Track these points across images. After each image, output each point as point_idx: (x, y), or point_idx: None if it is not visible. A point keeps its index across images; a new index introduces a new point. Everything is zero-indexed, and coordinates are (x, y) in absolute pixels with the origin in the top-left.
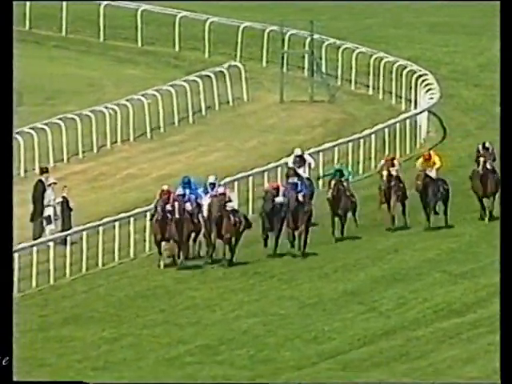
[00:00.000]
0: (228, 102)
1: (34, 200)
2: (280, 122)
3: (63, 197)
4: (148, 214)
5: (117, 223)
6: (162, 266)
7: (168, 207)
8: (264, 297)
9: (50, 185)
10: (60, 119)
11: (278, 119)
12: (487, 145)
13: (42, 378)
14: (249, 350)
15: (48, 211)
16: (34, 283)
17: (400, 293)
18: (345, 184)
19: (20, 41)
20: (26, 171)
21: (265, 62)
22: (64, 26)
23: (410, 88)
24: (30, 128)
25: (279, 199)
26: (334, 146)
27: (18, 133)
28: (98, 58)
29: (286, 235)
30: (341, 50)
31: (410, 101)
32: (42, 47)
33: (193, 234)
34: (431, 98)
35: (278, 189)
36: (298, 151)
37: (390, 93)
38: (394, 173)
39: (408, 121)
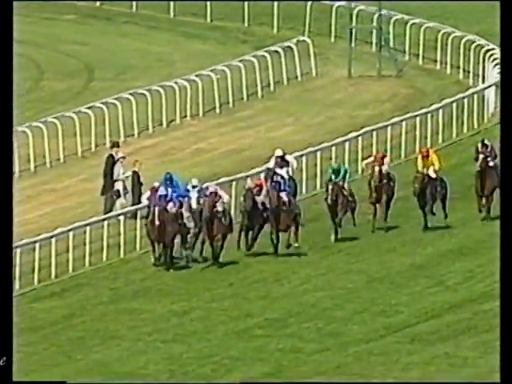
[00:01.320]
0: (296, 77)
1: (105, 174)
2: (348, 97)
3: (134, 171)
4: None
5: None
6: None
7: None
8: (332, 271)
9: (119, 159)
10: (131, 94)
11: (346, 94)
12: (486, 142)
13: (112, 349)
14: (317, 323)
15: (118, 185)
16: (104, 257)
17: (467, 266)
18: (343, 186)
19: (91, 17)
20: (96, 146)
21: (333, 37)
22: (134, 3)
23: (478, 62)
24: (102, 103)
25: (260, 198)
26: (402, 121)
27: (89, 107)
28: (167, 34)
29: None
30: (408, 25)
31: (478, 75)
32: (113, 23)
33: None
34: (499, 73)
35: (260, 187)
36: (279, 152)
37: (458, 67)
38: (384, 171)
39: (476, 95)
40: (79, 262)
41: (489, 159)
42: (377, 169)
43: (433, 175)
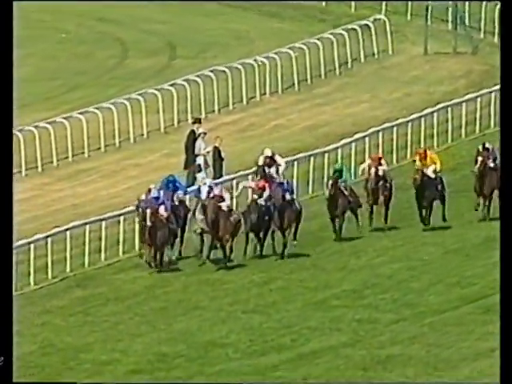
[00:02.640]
0: (373, 55)
1: (187, 149)
2: (424, 74)
3: (215, 147)
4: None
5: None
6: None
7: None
8: (408, 243)
9: (200, 135)
10: (211, 71)
11: (422, 71)
12: (487, 145)
13: (194, 319)
14: (393, 295)
15: (199, 160)
16: (186, 229)
17: None
18: (343, 184)
19: None
20: (178, 122)
21: (409, 15)
22: None
23: None
24: (184, 80)
25: (262, 200)
26: (477, 97)
27: (172, 84)
28: (246, 13)
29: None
30: (484, 2)
31: None
32: (194, 3)
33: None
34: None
35: (263, 189)
36: (268, 152)
37: None
38: (381, 173)
39: None
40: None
41: (489, 161)
42: (373, 171)
43: (432, 175)
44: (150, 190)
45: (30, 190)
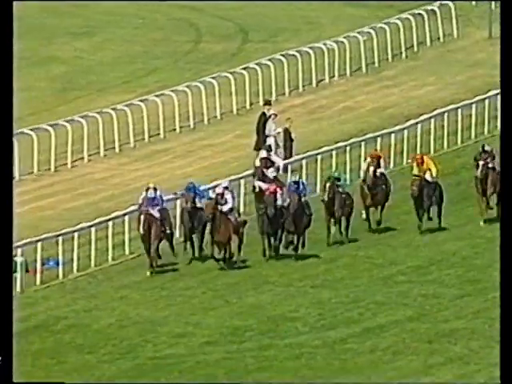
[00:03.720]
0: (438, 39)
1: (258, 130)
2: (488, 57)
3: (285, 128)
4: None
5: (334, 152)
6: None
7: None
8: (471, 221)
9: (271, 116)
10: (282, 55)
11: (487, 54)
12: (486, 148)
13: (265, 294)
14: (457, 271)
15: (269, 141)
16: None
17: None
18: (340, 189)
19: None
20: (250, 104)
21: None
22: None
23: None
24: (255, 64)
25: (280, 202)
26: None
27: (244, 68)
28: None
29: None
30: None
31: None
32: None
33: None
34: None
35: (274, 192)
36: (263, 153)
37: None
38: (378, 174)
39: None
40: None
41: (489, 165)
42: (371, 172)
43: (429, 179)
44: (147, 190)
45: (108, 169)
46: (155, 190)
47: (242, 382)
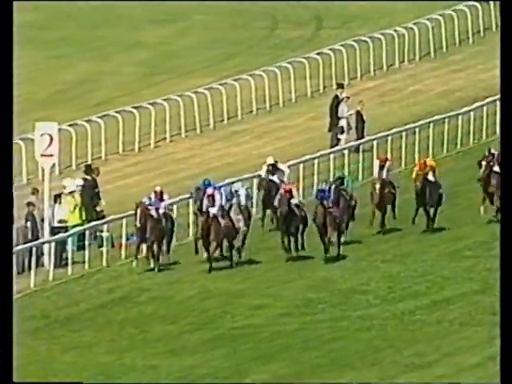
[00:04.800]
0: None
1: (331, 112)
2: None
3: (357, 110)
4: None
5: (403, 133)
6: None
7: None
8: None
9: (343, 99)
10: (355, 41)
11: None
12: (493, 151)
13: (336, 269)
14: None
15: (342, 123)
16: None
17: None
18: (345, 190)
19: None
20: (324, 87)
21: None
22: None
23: None
24: (329, 49)
25: (295, 201)
26: None
27: (318, 53)
28: None
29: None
30: None
31: None
32: None
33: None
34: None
35: (290, 191)
36: (270, 160)
37: None
38: (384, 177)
39: None
40: (309, 191)
41: (494, 166)
42: (377, 175)
43: (431, 179)
44: (157, 193)
45: (189, 149)
46: (161, 193)
47: (241, 382)
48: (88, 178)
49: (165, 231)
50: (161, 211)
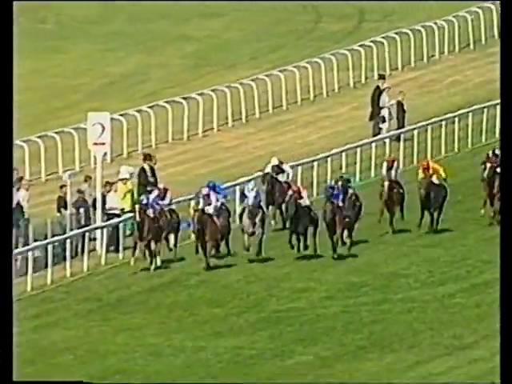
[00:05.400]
0: None
1: (373, 102)
2: None
3: (398, 101)
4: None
5: (443, 122)
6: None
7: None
8: None
9: (385, 89)
10: (396, 33)
11: None
12: (497, 152)
13: (379, 252)
14: None
15: (383, 112)
16: (372, 173)
17: None
18: (351, 191)
19: None
20: (366, 78)
21: None
22: None
23: None
24: (371, 41)
25: (304, 202)
26: None
27: (360, 45)
28: None
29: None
30: None
31: None
32: None
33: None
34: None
35: (299, 192)
36: (275, 161)
37: None
38: (393, 177)
39: None
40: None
41: (497, 169)
42: (385, 175)
43: (436, 181)
44: (161, 190)
45: (236, 138)
46: (165, 191)
47: (245, 382)
48: (146, 166)
49: (163, 229)
50: (165, 208)
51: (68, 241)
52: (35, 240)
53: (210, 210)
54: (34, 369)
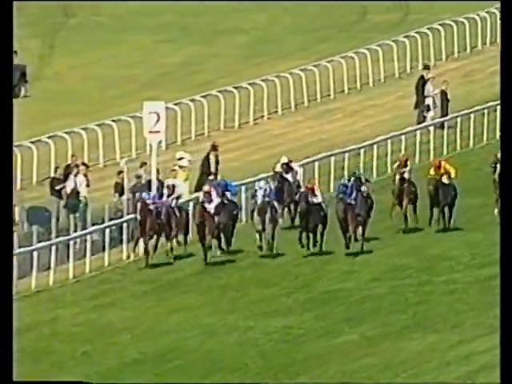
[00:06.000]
0: None
1: (417, 92)
2: None
3: (442, 90)
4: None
5: (485, 111)
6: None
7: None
8: None
9: (429, 79)
10: (440, 25)
11: None
12: None
13: (423, 238)
14: None
15: (428, 101)
16: (417, 159)
17: None
18: (363, 188)
19: None
20: (411, 68)
21: None
22: None
23: None
24: (416, 32)
25: (315, 199)
26: None
27: (406, 36)
28: None
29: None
30: None
31: None
32: None
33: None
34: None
35: (313, 189)
36: (284, 159)
37: None
38: (406, 175)
39: None
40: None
41: None
42: (397, 176)
43: (446, 181)
44: (169, 187)
45: (285, 126)
46: (173, 187)
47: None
48: (212, 156)
49: (165, 226)
50: (173, 205)
51: (125, 225)
52: (93, 224)
53: (209, 206)
54: (92, 347)
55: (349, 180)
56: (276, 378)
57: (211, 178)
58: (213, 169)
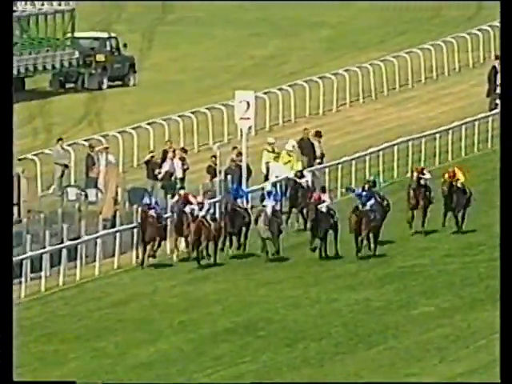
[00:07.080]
0: None
1: (489, 80)
2: None
3: None
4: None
5: None
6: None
7: (186, 209)
8: None
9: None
10: (490, 26)
11: None
12: None
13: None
14: None
15: (499, 89)
16: (450, 157)
17: None
18: (378, 193)
19: None
20: (484, 58)
21: None
22: None
23: None
24: (488, 25)
25: (324, 206)
26: None
27: (479, 30)
28: None
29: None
30: None
31: None
32: None
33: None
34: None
35: (319, 199)
36: (298, 166)
37: None
38: (422, 182)
39: None
40: (444, 156)
41: None
42: (414, 182)
43: (459, 185)
44: (181, 196)
45: (366, 113)
46: (186, 196)
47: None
48: (316, 142)
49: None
50: (188, 210)
51: (217, 204)
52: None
53: (201, 213)
54: (188, 317)
55: (363, 188)
56: (356, 347)
57: (318, 161)
58: (318, 153)
